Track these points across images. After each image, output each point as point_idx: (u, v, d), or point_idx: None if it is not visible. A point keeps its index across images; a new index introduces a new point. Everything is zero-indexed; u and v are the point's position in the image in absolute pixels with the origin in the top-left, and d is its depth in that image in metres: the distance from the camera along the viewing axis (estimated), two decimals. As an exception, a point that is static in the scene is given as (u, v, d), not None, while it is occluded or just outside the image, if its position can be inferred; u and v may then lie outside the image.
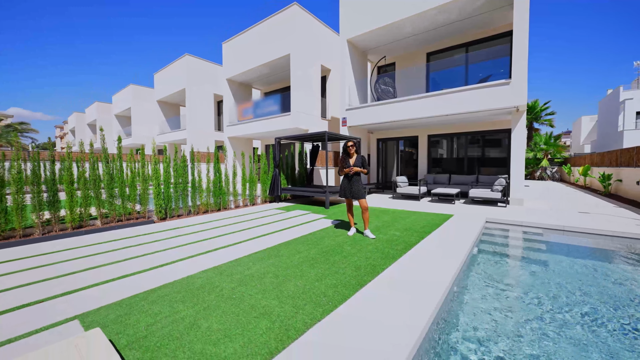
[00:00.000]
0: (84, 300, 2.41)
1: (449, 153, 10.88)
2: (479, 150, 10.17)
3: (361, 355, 1.63)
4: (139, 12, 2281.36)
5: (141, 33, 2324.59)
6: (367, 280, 2.70)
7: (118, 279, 2.84)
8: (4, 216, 4.13)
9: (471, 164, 10.19)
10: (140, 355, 1.69)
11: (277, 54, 11.36)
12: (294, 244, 4.07)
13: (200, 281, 2.79)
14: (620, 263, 3.73)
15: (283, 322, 2.01)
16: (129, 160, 6.53)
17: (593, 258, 4.02)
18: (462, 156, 10.39)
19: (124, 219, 5.46)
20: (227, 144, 14.02)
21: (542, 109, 21.70)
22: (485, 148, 10.04)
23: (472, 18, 8.48)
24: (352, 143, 4.58)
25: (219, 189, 6.93)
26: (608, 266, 3.65)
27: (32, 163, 4.49)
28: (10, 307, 2.29)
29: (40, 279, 2.85)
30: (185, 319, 2.08)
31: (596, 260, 3.86)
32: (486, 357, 1.88)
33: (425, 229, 4.86)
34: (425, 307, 2.14)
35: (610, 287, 2.99)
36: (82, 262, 3.36)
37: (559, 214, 6.03)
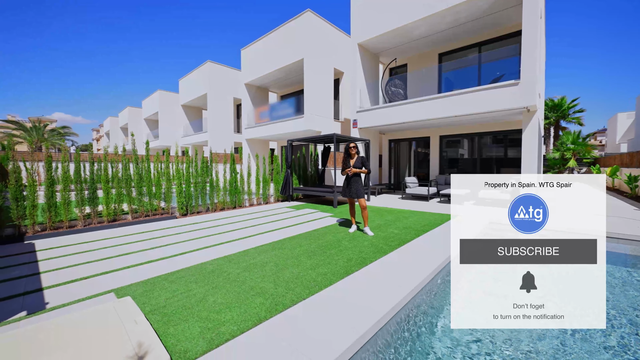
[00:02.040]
0: (118, 278, 2.94)
1: (462, 154, 10.81)
2: (494, 150, 10.03)
3: (328, 324, 1.97)
4: (162, 19, 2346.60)
5: (164, 38, 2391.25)
6: (354, 270, 3.03)
7: (145, 263, 3.38)
8: (54, 210, 4.88)
9: (486, 165, 10.07)
10: (159, 319, 2.15)
11: (291, 58, 11.85)
12: (297, 239, 4.46)
13: (212, 267, 3.25)
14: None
15: (274, 299, 2.40)
16: (156, 161, 7.25)
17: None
18: (476, 157, 10.29)
19: (151, 214, 6.12)
20: (245, 145, 14.74)
21: (570, 106, 20.58)
22: (501, 148, 9.89)
23: (484, 18, 8.45)
24: (354, 145, 4.89)
25: (235, 188, 7.48)
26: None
27: (75, 164, 5.23)
28: (65, 281, 2.87)
29: (85, 262, 3.44)
30: (196, 295, 2.53)
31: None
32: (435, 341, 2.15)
33: (425, 228, 5.07)
34: (395, 295, 2.43)
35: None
36: (116, 249, 3.96)
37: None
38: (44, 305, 2.39)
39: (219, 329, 1.97)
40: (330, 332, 1.91)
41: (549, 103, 21.55)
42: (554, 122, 21.44)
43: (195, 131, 19.94)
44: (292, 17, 11.73)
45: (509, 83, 7.03)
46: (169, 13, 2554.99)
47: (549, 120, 21.39)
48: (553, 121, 21.48)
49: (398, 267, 3.13)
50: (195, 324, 2.04)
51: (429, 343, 2.16)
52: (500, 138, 9.80)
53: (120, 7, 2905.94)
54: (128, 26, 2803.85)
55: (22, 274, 3.06)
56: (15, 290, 2.67)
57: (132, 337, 1.80)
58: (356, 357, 1.78)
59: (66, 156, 5.22)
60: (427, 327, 2.34)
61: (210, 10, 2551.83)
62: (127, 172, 5.77)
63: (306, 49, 11.18)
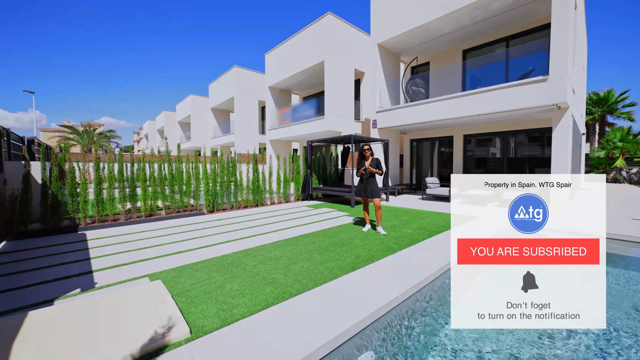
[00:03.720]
0: (152, 265, 3.37)
1: (489, 153, 10.37)
2: (526, 149, 9.52)
3: (326, 311, 2.17)
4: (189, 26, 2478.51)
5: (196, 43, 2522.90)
6: (360, 266, 3.19)
7: (175, 254, 3.80)
8: (102, 205, 5.57)
9: (516, 165, 9.59)
10: (184, 300, 2.48)
11: (312, 61, 12.13)
12: (312, 236, 4.69)
13: (231, 259, 3.58)
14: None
15: (283, 288, 2.65)
16: (186, 162, 7.89)
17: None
18: (504, 156, 9.83)
19: (181, 210, 6.71)
20: (269, 146, 15.31)
21: (618, 100, 18.70)
22: (533, 147, 9.37)
23: (511, 11, 8.07)
24: (368, 147, 5.02)
25: (257, 188, 7.91)
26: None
27: (119, 165, 5.91)
28: (109, 265, 3.36)
29: (125, 250, 3.96)
30: (216, 282, 2.85)
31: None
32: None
33: (439, 229, 5.05)
34: (394, 290, 2.56)
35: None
36: (151, 241, 4.46)
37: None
38: (93, 284, 2.85)
39: (232, 311, 2.25)
40: (327, 318, 2.11)
41: (593, 97, 19.74)
42: (598, 118, 19.61)
43: (223, 133, 21.02)
44: (314, 21, 12.00)
45: (536, 79, 6.69)
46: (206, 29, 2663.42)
47: (593, 115, 19.60)
48: (598, 117, 19.66)
49: (403, 265, 3.24)
50: (213, 306, 2.34)
51: (424, 338, 2.28)
52: (533, 136, 9.27)
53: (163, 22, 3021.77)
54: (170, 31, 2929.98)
55: (77, 259, 3.62)
56: (71, 271, 3.19)
57: (161, 313, 2.13)
58: (351, 342, 1.96)
59: (111, 157, 5.92)
60: (424, 324, 2.45)
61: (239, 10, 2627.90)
62: (162, 172, 6.39)
63: (326, 52, 11.39)
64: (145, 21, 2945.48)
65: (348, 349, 1.95)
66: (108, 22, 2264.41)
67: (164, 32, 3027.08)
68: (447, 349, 2.16)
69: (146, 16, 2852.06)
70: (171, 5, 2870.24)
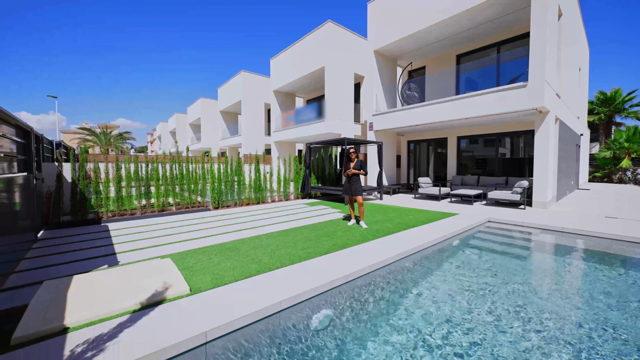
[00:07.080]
0: (163, 250, 4.07)
1: (481, 154, 10.73)
2: (515, 151, 9.86)
3: (295, 280, 2.79)
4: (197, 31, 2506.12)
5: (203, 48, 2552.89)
6: (333, 251, 3.79)
7: (182, 242, 4.50)
8: (121, 201, 6.37)
9: (504, 165, 9.95)
10: (187, 273, 3.14)
11: (314, 66, 12.77)
12: (302, 229, 5.32)
13: (229, 245, 4.25)
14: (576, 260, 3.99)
15: (265, 265, 3.29)
16: (194, 162, 8.66)
17: (561, 255, 4.30)
18: (493, 157, 10.20)
19: (190, 206, 7.46)
20: (274, 147, 16.04)
21: (626, 99, 18.50)
22: (518, 149, 9.71)
23: (500, 19, 8.47)
24: (353, 150, 5.61)
25: (258, 187, 8.60)
26: (566, 264, 3.96)
27: (135, 165, 6.70)
28: (128, 249, 4.08)
29: (141, 239, 4.69)
30: (214, 262, 3.52)
31: (558, 256, 4.16)
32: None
33: (417, 223, 5.58)
34: (352, 268, 3.15)
35: (536, 278, 3.46)
36: (163, 231, 5.19)
37: (575, 218, 5.97)
38: (117, 262, 3.57)
39: (222, 279, 2.91)
40: (294, 284, 2.73)
41: (600, 97, 19.57)
42: (605, 117, 19.42)
43: (231, 134, 21.93)
44: (315, 28, 12.63)
45: (518, 85, 7.11)
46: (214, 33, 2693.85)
47: (599, 115, 19.43)
48: (604, 117, 19.47)
49: (370, 251, 3.82)
50: (209, 276, 3.00)
51: (368, 303, 2.86)
52: (521, 138, 9.61)
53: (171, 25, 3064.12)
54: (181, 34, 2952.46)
55: (102, 244, 4.37)
56: (99, 253, 3.93)
57: (170, 278, 2.81)
58: (310, 302, 2.58)
59: (128, 158, 6.71)
60: (369, 292, 3.02)
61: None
62: (172, 172, 7.15)
63: (326, 58, 12.00)
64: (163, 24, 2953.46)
65: (309, 305, 2.56)
66: (126, 24, 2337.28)
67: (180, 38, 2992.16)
68: (380, 307, 2.74)
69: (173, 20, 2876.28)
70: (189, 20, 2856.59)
